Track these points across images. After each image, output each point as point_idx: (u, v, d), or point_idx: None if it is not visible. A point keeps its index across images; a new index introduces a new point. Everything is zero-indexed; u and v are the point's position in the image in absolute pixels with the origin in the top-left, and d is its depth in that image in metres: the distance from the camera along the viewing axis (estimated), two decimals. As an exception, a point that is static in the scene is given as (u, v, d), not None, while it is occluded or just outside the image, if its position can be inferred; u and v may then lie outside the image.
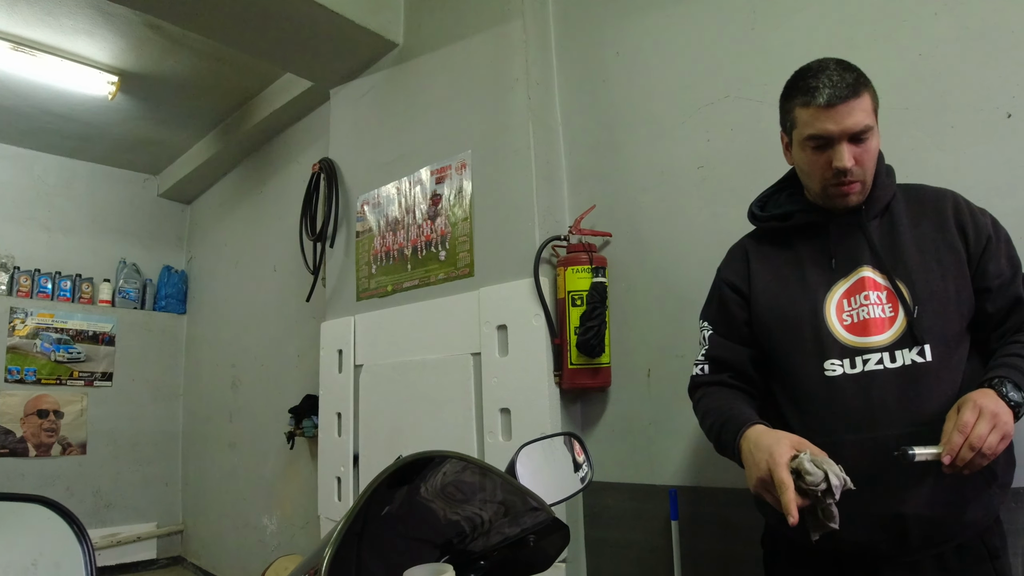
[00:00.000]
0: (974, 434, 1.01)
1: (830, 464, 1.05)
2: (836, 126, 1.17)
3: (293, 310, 3.83)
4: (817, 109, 1.18)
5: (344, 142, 3.26)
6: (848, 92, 1.16)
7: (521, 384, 2.19)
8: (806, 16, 1.86)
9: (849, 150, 1.19)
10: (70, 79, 3.82)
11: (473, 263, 2.45)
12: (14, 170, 4.79)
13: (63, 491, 4.53)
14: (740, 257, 1.44)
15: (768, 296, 1.34)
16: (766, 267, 1.37)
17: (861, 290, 1.23)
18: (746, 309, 1.38)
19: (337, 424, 2.96)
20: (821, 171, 1.23)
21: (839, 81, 1.17)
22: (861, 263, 1.25)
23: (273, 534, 3.92)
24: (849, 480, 1.04)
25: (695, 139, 2.06)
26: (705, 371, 1.42)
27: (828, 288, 1.27)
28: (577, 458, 1.16)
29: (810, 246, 1.32)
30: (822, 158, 1.22)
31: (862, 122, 1.17)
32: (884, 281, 1.22)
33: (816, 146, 1.22)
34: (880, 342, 1.19)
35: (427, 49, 2.81)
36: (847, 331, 1.22)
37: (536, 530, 0.90)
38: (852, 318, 1.22)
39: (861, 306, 1.22)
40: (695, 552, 1.91)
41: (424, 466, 0.76)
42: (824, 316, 1.25)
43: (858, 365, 1.19)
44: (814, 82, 1.19)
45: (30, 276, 4.69)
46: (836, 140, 1.19)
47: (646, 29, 2.23)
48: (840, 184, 1.22)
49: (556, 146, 2.40)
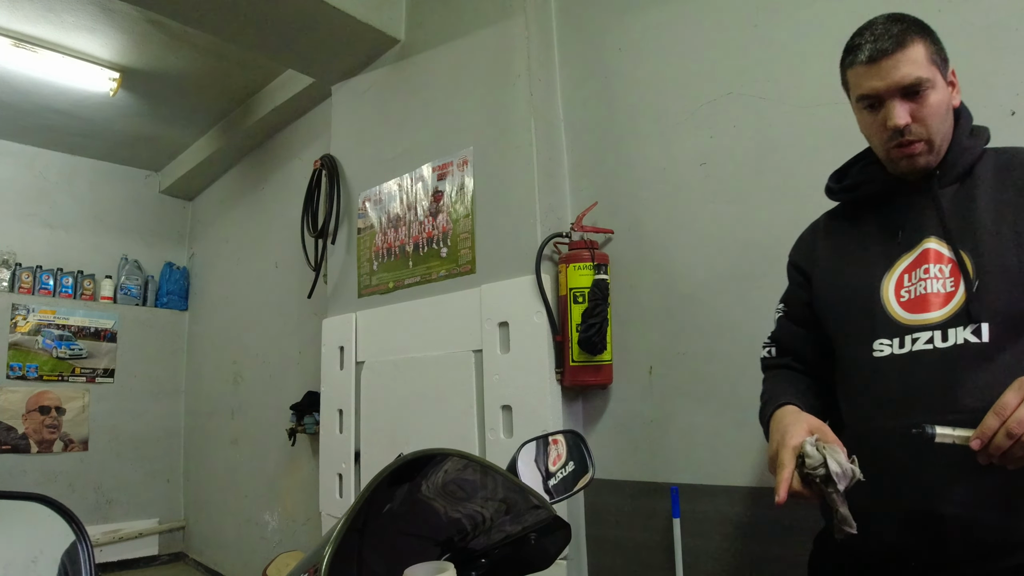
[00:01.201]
0: (1013, 418, 0.87)
1: (833, 450, 0.97)
2: (881, 82, 1.08)
3: (295, 307, 3.83)
4: (861, 67, 1.10)
5: (346, 138, 3.25)
6: (892, 44, 1.07)
7: (523, 381, 2.19)
8: (809, 12, 1.85)
9: (902, 106, 1.08)
10: (71, 75, 3.81)
11: (475, 260, 2.44)
12: (16, 166, 4.79)
13: (65, 487, 4.53)
14: (810, 236, 1.35)
15: (829, 275, 1.25)
16: (833, 244, 1.28)
17: (923, 263, 1.11)
18: (808, 290, 1.30)
19: (338, 421, 2.97)
20: (879, 133, 1.13)
21: (883, 34, 1.08)
22: (927, 234, 1.12)
23: (275, 530, 3.93)
24: (858, 472, 0.95)
25: (698, 135, 2.05)
26: (772, 353, 1.38)
27: (890, 263, 1.15)
28: (579, 456, 1.16)
29: (879, 218, 1.21)
30: (877, 119, 1.12)
31: (911, 74, 1.07)
32: (949, 252, 1.09)
33: (868, 106, 1.13)
34: (933, 319, 1.06)
35: (429, 45, 2.81)
36: (902, 308, 1.10)
37: (537, 528, 0.90)
38: (910, 294, 1.10)
39: (920, 280, 1.10)
40: (697, 550, 1.90)
41: (425, 464, 0.75)
42: (880, 293, 1.13)
43: (907, 345, 1.07)
44: (859, 39, 1.12)
45: (32, 273, 4.69)
46: (885, 97, 1.09)
47: (648, 25, 2.22)
48: (900, 145, 1.11)
49: (558, 142, 2.40)
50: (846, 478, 0.95)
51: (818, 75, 1.80)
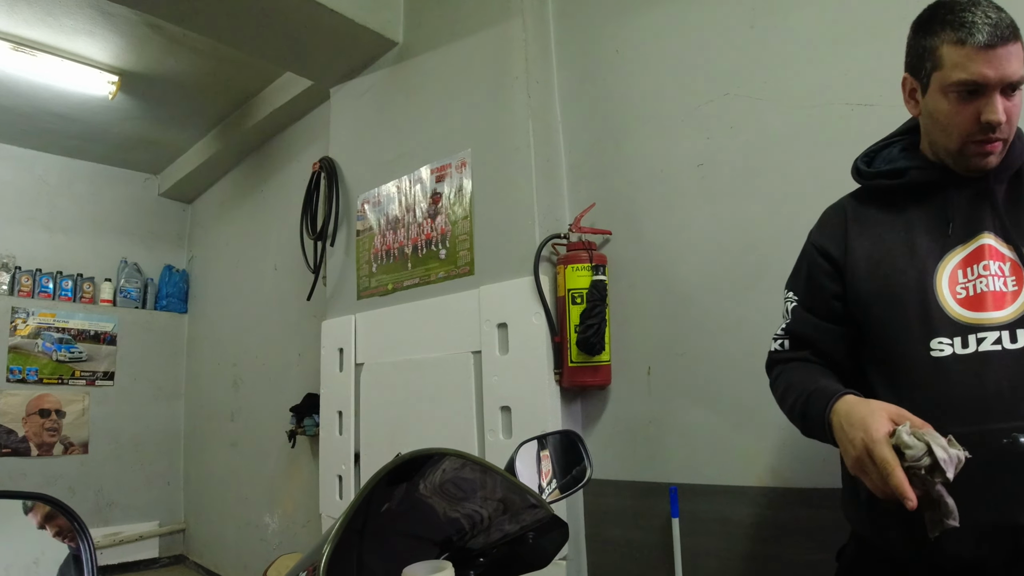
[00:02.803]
0: None
1: (934, 436, 0.87)
2: (995, 72, 0.98)
3: (294, 309, 3.84)
4: (974, 49, 0.99)
5: (344, 141, 3.26)
6: (1010, 33, 0.98)
7: (521, 382, 2.19)
8: (805, 13, 1.86)
9: (1001, 102, 1.00)
10: (70, 79, 3.82)
11: (473, 261, 2.45)
12: (15, 170, 4.80)
13: (65, 490, 4.53)
14: (837, 220, 1.23)
15: (868, 265, 1.15)
16: (868, 232, 1.17)
17: (980, 259, 1.04)
18: (838, 281, 1.19)
19: (338, 422, 2.97)
20: (966, 124, 1.03)
21: (999, 21, 0.98)
22: (982, 229, 1.06)
23: (275, 532, 3.93)
24: (963, 453, 0.87)
25: (695, 137, 2.06)
26: (785, 347, 1.26)
27: (941, 256, 1.07)
28: (577, 456, 1.16)
29: (924, 209, 1.12)
30: (969, 108, 1.02)
31: (1020, 71, 0.99)
32: (1009, 252, 1.03)
33: (966, 92, 1.02)
34: (998, 319, 1.00)
35: (427, 47, 2.81)
36: (960, 305, 1.03)
37: (535, 527, 0.90)
38: (967, 291, 1.03)
39: (979, 277, 1.03)
40: (695, 550, 1.91)
41: (423, 463, 0.76)
42: (934, 288, 1.05)
43: (971, 344, 1.00)
44: (970, 16, 0.99)
45: (31, 276, 4.69)
46: (991, 88, 1.00)
47: (646, 27, 2.23)
48: (985, 141, 1.03)
49: (556, 144, 2.40)
50: (953, 463, 0.86)
51: (815, 75, 1.81)
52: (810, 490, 1.69)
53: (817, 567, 1.46)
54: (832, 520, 1.47)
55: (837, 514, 1.29)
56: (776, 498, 1.77)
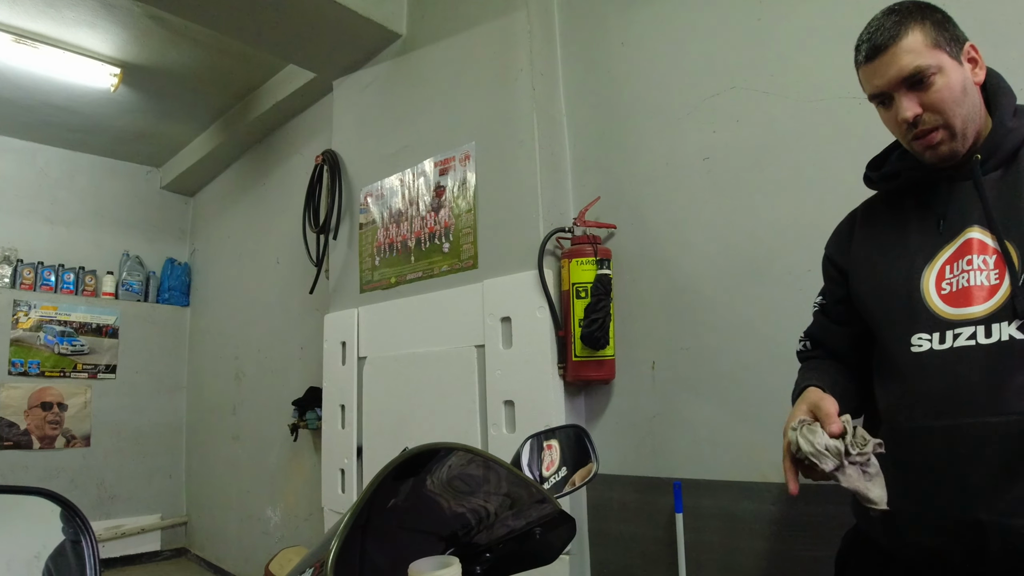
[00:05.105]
0: None
1: (811, 431, 0.95)
2: (882, 79, 1.07)
3: (296, 302, 3.83)
4: (864, 68, 1.10)
5: (347, 134, 3.24)
6: (886, 38, 1.05)
7: (525, 376, 2.19)
8: (812, 6, 1.84)
9: (909, 98, 1.05)
10: (72, 71, 3.80)
11: (477, 255, 2.44)
12: (17, 163, 4.79)
13: (67, 483, 4.54)
14: (845, 228, 1.29)
15: (867, 267, 1.19)
16: (871, 235, 1.22)
17: (965, 254, 1.05)
18: (843, 285, 1.25)
19: (341, 416, 2.97)
20: (896, 128, 1.11)
21: (878, 29, 1.07)
22: (970, 223, 1.06)
23: (277, 526, 3.93)
24: (866, 449, 0.92)
25: (701, 130, 2.04)
26: (808, 347, 1.35)
27: (931, 254, 1.09)
28: (584, 451, 1.15)
29: (919, 207, 1.15)
30: (891, 114, 1.09)
31: (909, 64, 1.03)
32: (993, 243, 1.03)
33: (880, 103, 1.11)
34: (977, 313, 1.00)
35: (431, 40, 2.80)
36: (944, 301, 1.04)
37: (542, 523, 0.89)
38: (952, 286, 1.04)
39: (963, 272, 1.04)
40: (699, 545, 1.90)
41: (430, 458, 0.75)
42: (919, 285, 1.08)
43: (948, 340, 1.02)
44: (859, 39, 1.10)
45: (33, 269, 4.69)
46: (891, 92, 1.07)
47: (651, 19, 2.21)
48: (917, 137, 1.07)
49: (560, 137, 2.39)
50: (831, 457, 0.92)
51: (822, 69, 1.79)
52: (814, 486, 1.68)
53: (821, 563, 1.45)
54: (836, 516, 1.47)
55: (841, 510, 1.30)
56: (781, 494, 1.77)
